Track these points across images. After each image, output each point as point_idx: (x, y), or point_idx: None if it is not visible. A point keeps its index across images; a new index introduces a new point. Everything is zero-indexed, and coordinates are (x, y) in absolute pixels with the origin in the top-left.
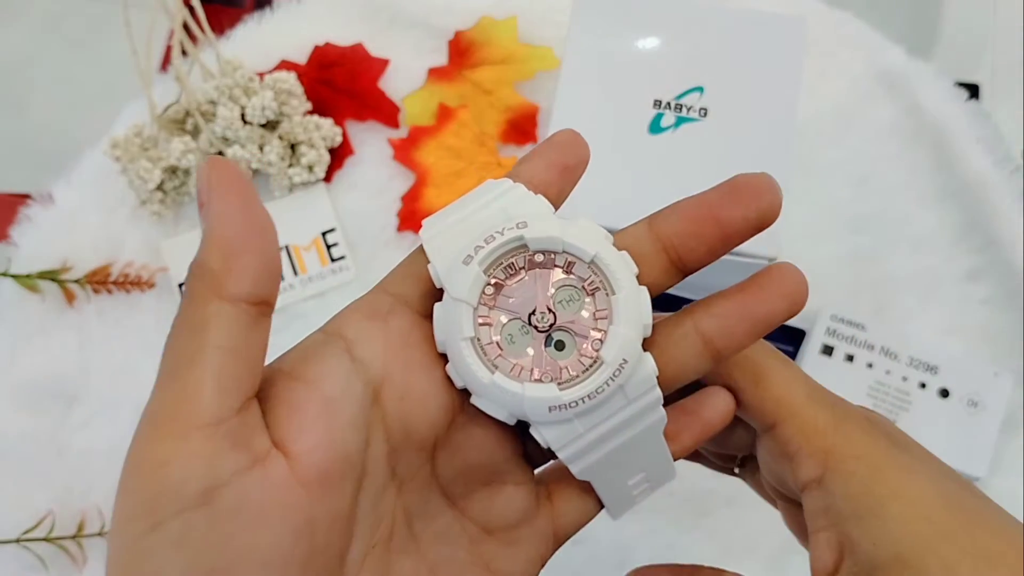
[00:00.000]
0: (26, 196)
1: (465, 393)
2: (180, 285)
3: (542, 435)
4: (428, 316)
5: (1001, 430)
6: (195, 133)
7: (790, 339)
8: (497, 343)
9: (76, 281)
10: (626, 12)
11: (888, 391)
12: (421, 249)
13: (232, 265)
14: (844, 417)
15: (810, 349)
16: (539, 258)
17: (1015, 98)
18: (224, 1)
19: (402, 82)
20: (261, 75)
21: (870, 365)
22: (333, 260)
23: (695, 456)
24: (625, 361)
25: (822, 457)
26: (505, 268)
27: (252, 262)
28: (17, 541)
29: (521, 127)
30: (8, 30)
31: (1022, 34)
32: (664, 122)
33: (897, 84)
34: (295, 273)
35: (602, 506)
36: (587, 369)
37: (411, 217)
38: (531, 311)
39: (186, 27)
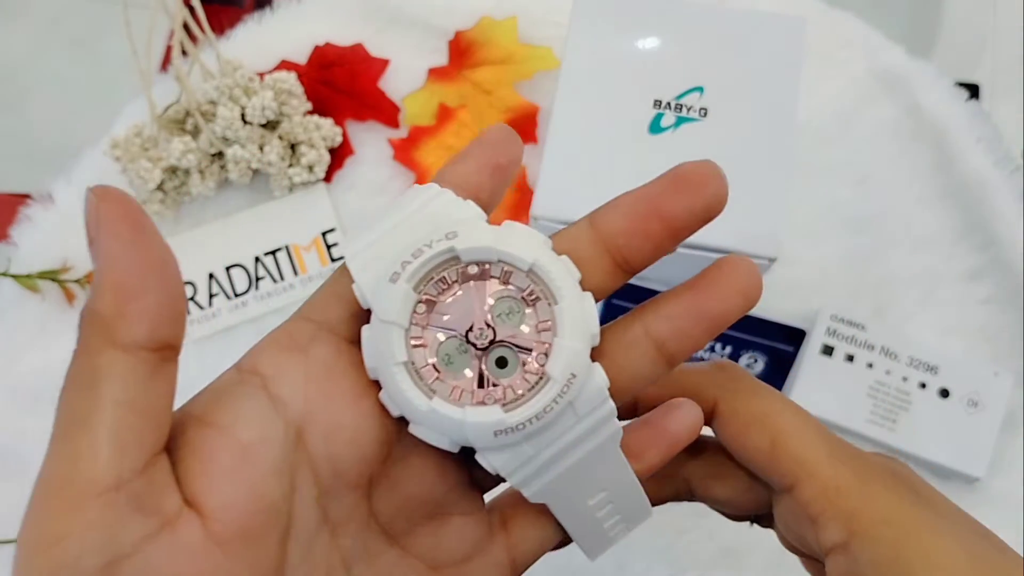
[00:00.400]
0: (26, 196)
1: (402, 422)
2: None
3: (489, 461)
4: (356, 341)
5: (1001, 430)
6: (195, 133)
7: (790, 339)
8: (433, 365)
9: (76, 281)
10: (626, 12)
11: (888, 391)
12: (345, 268)
13: (125, 309)
14: (868, 475)
15: (810, 349)
16: (473, 270)
17: (1015, 98)
18: (224, 1)
19: (402, 82)
20: (261, 75)
21: (870, 365)
22: (333, 260)
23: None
24: (573, 376)
25: (846, 520)
26: (436, 283)
27: (150, 304)
28: (17, 541)
29: (521, 127)
30: (8, 30)
31: (1022, 34)
32: (664, 122)
33: (897, 84)
34: (295, 273)
35: (564, 532)
36: (533, 387)
37: None
38: (468, 328)
39: (186, 27)
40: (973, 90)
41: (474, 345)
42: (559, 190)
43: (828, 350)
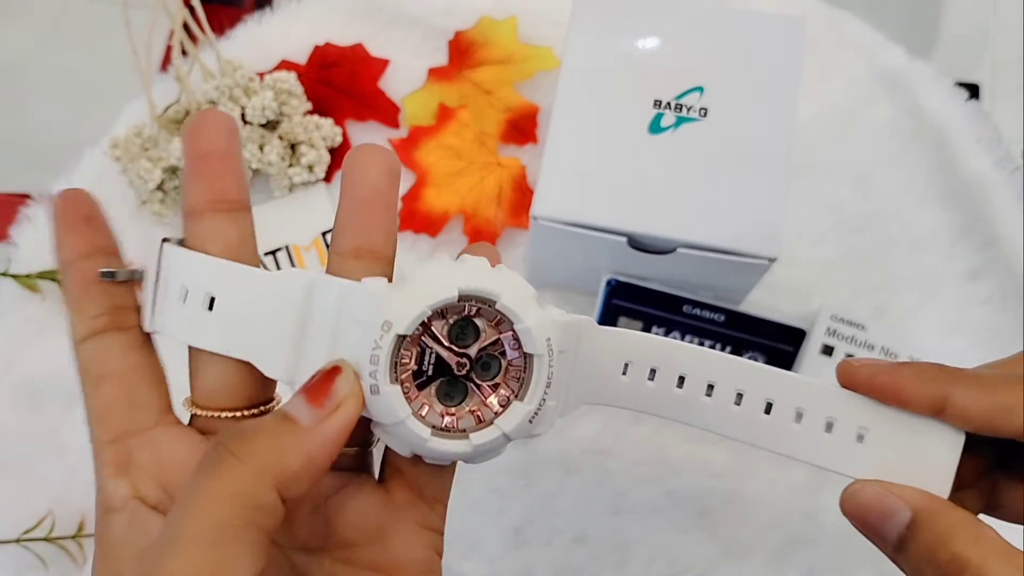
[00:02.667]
0: (26, 196)
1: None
2: None
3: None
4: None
5: None
6: None
7: (790, 339)
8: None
9: None
10: (626, 12)
11: None
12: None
13: None
14: None
15: (810, 349)
16: (417, 330)
17: (1015, 98)
18: (224, 1)
19: (402, 82)
20: (261, 75)
21: None
22: None
23: None
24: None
25: None
26: (401, 364)
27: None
28: (17, 541)
29: (521, 127)
30: (8, 30)
31: (1022, 34)
32: (664, 122)
33: (897, 84)
34: None
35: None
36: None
37: (411, 217)
38: (448, 368)
39: (186, 27)
40: (973, 90)
41: (462, 373)
42: (559, 190)
43: (828, 350)
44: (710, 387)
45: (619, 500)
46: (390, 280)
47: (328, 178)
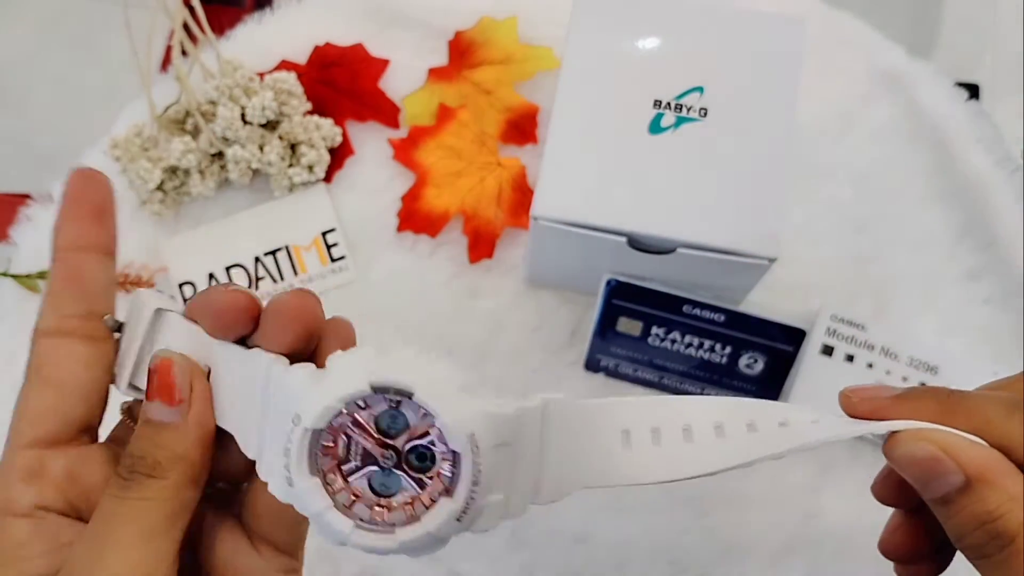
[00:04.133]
0: (26, 196)
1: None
2: (180, 285)
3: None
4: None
5: None
6: (195, 133)
7: (790, 339)
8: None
9: None
10: (626, 12)
11: None
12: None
13: None
14: None
15: (810, 349)
16: (338, 421)
17: (1015, 98)
18: (224, 1)
19: (402, 82)
20: (261, 75)
21: (870, 365)
22: (333, 260)
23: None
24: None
25: None
26: (322, 454)
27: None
28: None
29: (521, 127)
30: (8, 30)
31: (1022, 34)
32: (664, 122)
33: (897, 84)
34: (295, 273)
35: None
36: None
37: (411, 217)
38: (373, 458)
39: (186, 27)
40: (973, 90)
41: (387, 465)
42: (559, 190)
43: (828, 350)
44: (718, 427)
45: (619, 500)
46: (320, 365)
47: (328, 178)
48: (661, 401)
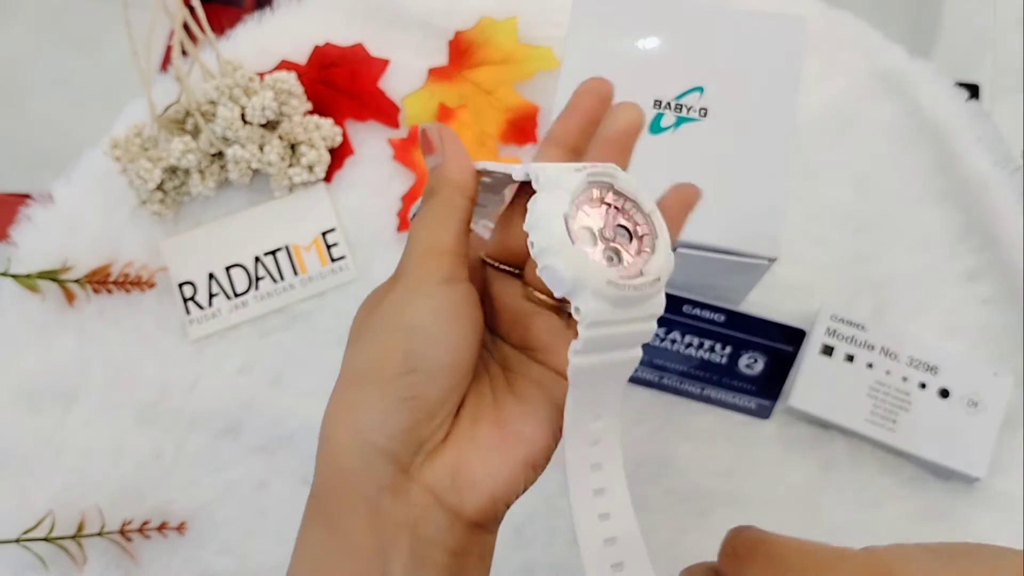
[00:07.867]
0: (26, 196)
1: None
2: (180, 285)
3: (585, 303)
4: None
5: (1001, 430)
6: (195, 133)
7: (790, 339)
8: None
9: (76, 281)
10: (626, 12)
11: (888, 391)
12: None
13: (468, 179)
14: None
15: (810, 349)
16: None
17: (1015, 98)
18: (224, 1)
19: (402, 82)
20: (261, 75)
21: (870, 365)
22: (333, 260)
23: None
24: (659, 279)
25: None
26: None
27: (472, 180)
28: (17, 541)
29: (521, 127)
30: (8, 29)
31: (1022, 34)
32: (664, 122)
33: (897, 84)
34: (295, 273)
35: None
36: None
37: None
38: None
39: (186, 27)
40: (973, 90)
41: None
42: None
43: (828, 350)
44: None
45: None
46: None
47: (328, 178)
48: None
